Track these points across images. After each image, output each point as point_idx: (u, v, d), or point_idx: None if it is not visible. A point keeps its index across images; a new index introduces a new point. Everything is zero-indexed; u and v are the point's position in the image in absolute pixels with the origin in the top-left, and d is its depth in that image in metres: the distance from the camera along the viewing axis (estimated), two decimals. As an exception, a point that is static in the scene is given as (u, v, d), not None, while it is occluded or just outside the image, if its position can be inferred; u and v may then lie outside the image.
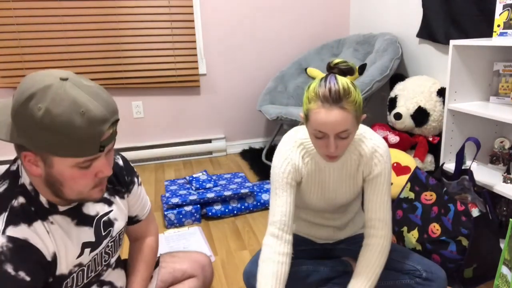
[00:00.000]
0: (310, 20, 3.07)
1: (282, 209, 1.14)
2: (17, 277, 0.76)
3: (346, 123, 1.01)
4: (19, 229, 0.79)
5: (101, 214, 0.96)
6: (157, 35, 2.74)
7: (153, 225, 1.18)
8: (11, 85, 2.60)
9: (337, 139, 1.04)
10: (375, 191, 1.19)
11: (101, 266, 0.99)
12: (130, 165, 1.07)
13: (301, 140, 1.18)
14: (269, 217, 1.15)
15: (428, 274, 1.20)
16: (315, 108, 1.01)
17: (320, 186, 1.23)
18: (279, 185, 1.15)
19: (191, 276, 1.18)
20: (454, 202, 1.45)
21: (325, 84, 1.01)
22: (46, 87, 0.73)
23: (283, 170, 1.15)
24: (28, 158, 0.77)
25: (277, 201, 1.15)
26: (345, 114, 1.00)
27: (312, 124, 1.04)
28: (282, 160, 1.16)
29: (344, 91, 1.00)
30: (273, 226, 1.13)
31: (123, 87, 2.79)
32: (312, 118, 1.03)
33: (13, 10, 2.47)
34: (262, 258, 1.11)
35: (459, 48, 1.72)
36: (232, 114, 3.10)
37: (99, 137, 0.76)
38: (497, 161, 1.81)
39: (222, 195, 2.05)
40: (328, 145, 1.04)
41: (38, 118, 0.72)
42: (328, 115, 1.00)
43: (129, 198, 1.05)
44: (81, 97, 0.74)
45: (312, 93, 1.03)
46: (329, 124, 1.00)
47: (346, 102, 1.00)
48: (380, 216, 1.18)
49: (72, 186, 0.81)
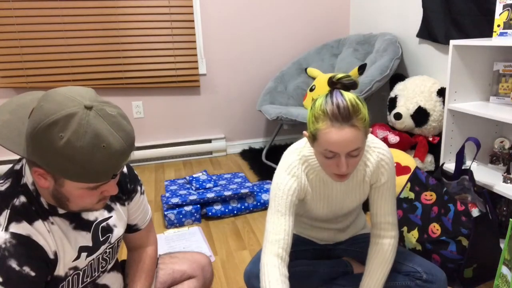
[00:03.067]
0: (310, 20, 3.07)
1: (285, 228, 1.09)
2: (21, 272, 0.77)
3: (358, 141, 0.98)
4: (21, 226, 0.80)
5: (100, 220, 0.96)
6: (157, 35, 2.74)
7: (152, 235, 1.17)
8: (11, 85, 2.60)
9: (348, 157, 1.01)
10: (383, 197, 1.19)
11: (98, 272, 0.99)
12: (134, 172, 1.06)
13: (305, 157, 1.15)
14: (270, 235, 1.10)
15: (428, 276, 1.20)
16: (325, 128, 0.97)
17: (326, 200, 1.21)
18: (283, 202, 1.11)
19: (190, 276, 1.17)
20: (454, 202, 1.44)
21: (332, 101, 0.97)
22: (70, 115, 0.72)
23: (289, 188, 1.11)
24: (38, 172, 0.77)
25: (280, 219, 1.10)
26: (356, 132, 0.96)
27: (322, 144, 0.99)
28: (288, 178, 1.12)
29: (353, 108, 0.96)
30: (277, 246, 1.08)
31: (123, 87, 2.79)
32: (322, 139, 0.98)
33: (13, 10, 2.47)
34: (269, 280, 1.04)
35: (459, 48, 1.72)
36: (232, 114, 3.10)
37: (114, 169, 0.78)
38: (497, 161, 1.81)
39: (222, 195, 2.05)
40: (340, 164, 1.01)
41: (59, 147, 0.72)
42: (339, 134, 0.96)
43: (130, 205, 1.04)
44: (103, 130, 0.74)
45: (319, 112, 0.98)
46: (341, 143, 0.96)
47: (356, 119, 0.96)
48: (389, 219, 1.20)
49: (78, 203, 0.83)
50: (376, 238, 1.22)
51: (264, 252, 1.09)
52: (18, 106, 0.82)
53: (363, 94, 2.30)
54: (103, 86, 2.75)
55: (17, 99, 0.84)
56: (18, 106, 0.82)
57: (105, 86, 2.75)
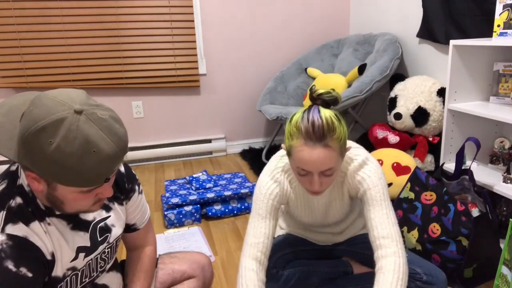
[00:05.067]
0: (310, 20, 3.07)
1: (265, 232, 1.09)
2: (18, 273, 0.77)
3: (330, 162, 0.96)
4: (17, 227, 0.79)
5: (98, 220, 0.96)
6: (157, 35, 2.74)
7: (151, 235, 1.16)
8: (11, 85, 2.60)
9: (321, 176, 0.99)
10: (371, 208, 1.07)
11: (96, 272, 0.99)
12: (132, 172, 1.06)
13: (288, 166, 1.14)
14: (250, 237, 1.10)
15: (428, 277, 1.19)
16: (298, 146, 0.96)
17: (309, 209, 1.22)
18: (264, 206, 1.11)
19: (190, 276, 1.17)
20: (454, 202, 1.44)
21: (308, 118, 0.94)
22: (59, 121, 0.71)
23: (270, 192, 1.12)
24: (31, 176, 0.77)
25: (261, 222, 1.10)
26: (329, 153, 0.94)
27: (295, 162, 0.99)
28: (271, 182, 1.12)
29: (328, 127, 0.93)
30: (255, 249, 1.08)
31: (123, 87, 2.79)
32: (295, 156, 0.98)
33: (13, 10, 2.47)
34: (247, 283, 1.03)
35: (459, 48, 1.72)
36: (232, 114, 3.10)
37: (106, 174, 0.78)
38: (497, 161, 1.81)
39: (222, 195, 2.05)
40: (312, 182, 1.00)
41: (49, 153, 0.71)
42: (311, 154, 0.94)
43: (128, 205, 1.04)
44: (94, 135, 0.73)
45: (294, 128, 0.97)
46: (312, 163, 0.95)
47: (330, 139, 0.94)
48: (383, 233, 1.03)
49: (72, 206, 0.82)
50: (376, 262, 1.03)
51: (244, 255, 1.09)
52: (10, 108, 0.81)
53: (363, 94, 2.30)
54: (103, 86, 2.75)
55: (9, 100, 0.83)
56: (11, 108, 0.81)
57: (105, 86, 2.75)
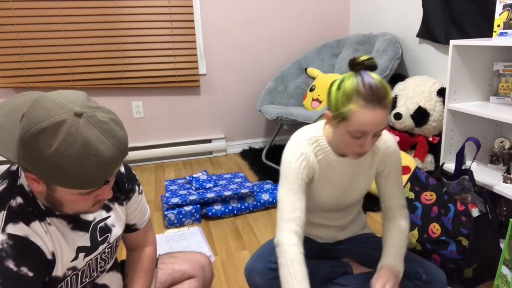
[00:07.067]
0: (310, 20, 3.07)
1: (300, 206, 1.11)
2: (19, 273, 0.77)
3: (386, 122, 1.01)
4: (18, 227, 0.79)
5: (98, 220, 0.96)
6: (157, 35, 2.74)
7: (151, 235, 1.17)
8: (11, 85, 2.60)
9: (372, 138, 1.04)
10: (393, 184, 1.24)
11: (97, 272, 0.99)
12: (132, 172, 1.06)
13: (315, 137, 1.16)
14: (285, 213, 1.11)
15: (428, 277, 1.19)
16: (358, 109, 0.98)
17: (332, 184, 1.22)
18: (295, 180, 1.12)
19: (190, 276, 1.17)
20: (454, 202, 1.44)
21: (364, 82, 0.99)
22: (59, 123, 0.71)
23: (299, 165, 1.13)
24: (31, 177, 0.77)
25: (294, 197, 1.11)
26: (386, 113, 1.00)
27: (354, 125, 1.00)
28: (298, 155, 1.14)
29: (384, 89, 0.99)
30: (294, 223, 1.09)
31: (123, 87, 2.79)
32: (355, 119, 0.99)
33: (13, 10, 2.47)
34: (291, 257, 1.06)
35: (459, 48, 1.72)
36: (232, 114, 3.10)
37: (106, 176, 0.77)
38: (497, 161, 1.81)
39: (222, 195, 2.05)
40: (365, 144, 1.03)
41: (48, 155, 0.71)
42: (373, 116, 0.98)
43: (128, 205, 1.04)
44: (93, 138, 0.73)
45: (350, 93, 0.99)
46: (373, 124, 0.99)
47: (386, 100, 0.99)
48: (399, 202, 1.25)
49: (72, 207, 0.82)
50: (390, 221, 1.25)
51: (282, 230, 1.10)
52: (11, 109, 0.81)
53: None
54: (103, 86, 2.75)
55: (11, 101, 0.82)
56: (12, 108, 0.81)
57: (105, 86, 2.75)
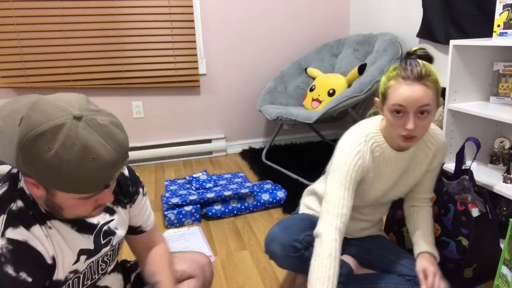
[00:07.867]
0: (310, 20, 3.07)
1: (348, 203, 1.12)
2: (18, 278, 0.76)
3: (427, 98, 1.02)
4: (18, 231, 0.78)
5: (102, 223, 0.95)
6: (157, 35, 2.74)
7: (158, 233, 1.17)
8: (11, 85, 2.60)
9: (416, 117, 1.04)
10: (432, 178, 1.32)
11: (98, 274, 0.98)
12: (136, 175, 1.05)
13: (372, 133, 1.17)
14: (333, 208, 1.11)
15: None
16: (395, 85, 1.04)
17: (384, 179, 1.22)
18: (349, 178, 1.13)
19: (190, 276, 1.17)
20: (454, 202, 1.44)
21: (407, 64, 1.05)
22: (58, 127, 0.70)
23: (354, 163, 1.13)
24: (30, 182, 0.76)
25: (345, 193, 1.12)
26: (425, 89, 1.02)
27: (392, 100, 1.05)
28: (355, 153, 1.14)
29: (425, 70, 1.02)
30: (339, 220, 1.10)
31: (123, 87, 2.79)
32: (392, 94, 1.05)
33: (13, 10, 2.47)
34: (330, 252, 1.07)
35: (459, 48, 1.72)
36: (232, 114, 3.10)
37: (106, 180, 0.76)
38: (497, 161, 1.81)
39: (222, 195, 2.05)
40: (407, 122, 1.04)
41: (47, 159, 0.70)
42: (410, 89, 1.02)
43: (132, 208, 1.04)
44: (93, 141, 0.71)
45: (392, 73, 1.06)
46: (411, 99, 1.02)
47: (427, 79, 1.02)
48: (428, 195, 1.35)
49: (72, 211, 0.81)
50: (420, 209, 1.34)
51: (326, 223, 1.11)
52: (11, 112, 0.80)
53: (363, 94, 2.30)
54: (103, 86, 2.75)
55: (11, 104, 0.81)
56: (11, 112, 0.80)
57: (105, 86, 2.75)
